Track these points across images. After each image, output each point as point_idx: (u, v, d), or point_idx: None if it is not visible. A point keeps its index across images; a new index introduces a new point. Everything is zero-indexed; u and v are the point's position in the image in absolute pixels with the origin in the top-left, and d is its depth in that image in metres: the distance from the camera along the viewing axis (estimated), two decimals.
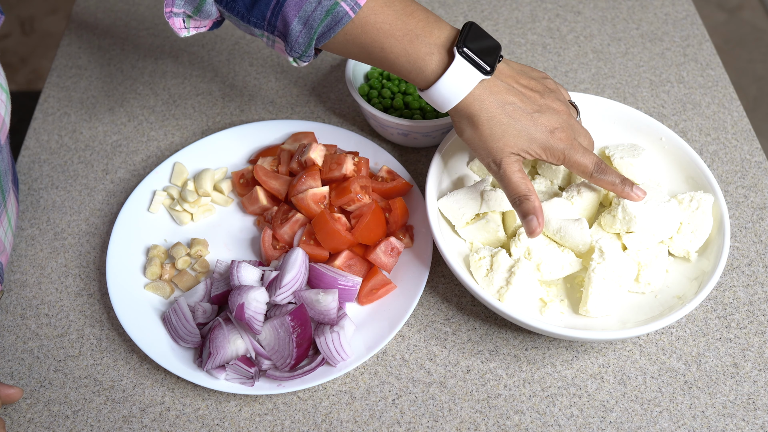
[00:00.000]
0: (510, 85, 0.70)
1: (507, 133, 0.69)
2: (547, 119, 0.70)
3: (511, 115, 0.69)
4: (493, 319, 0.78)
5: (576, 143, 0.71)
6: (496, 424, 0.71)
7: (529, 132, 0.69)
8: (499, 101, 0.69)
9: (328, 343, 0.70)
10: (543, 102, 0.71)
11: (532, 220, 0.69)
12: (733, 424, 0.71)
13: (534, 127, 0.69)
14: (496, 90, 0.69)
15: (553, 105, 0.71)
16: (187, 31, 0.73)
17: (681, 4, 1.10)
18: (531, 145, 0.70)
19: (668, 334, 0.77)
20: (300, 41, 0.69)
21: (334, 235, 0.76)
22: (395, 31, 0.68)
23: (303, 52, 0.70)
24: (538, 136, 0.69)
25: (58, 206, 0.88)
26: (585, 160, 0.71)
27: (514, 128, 0.69)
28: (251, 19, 0.69)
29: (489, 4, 1.10)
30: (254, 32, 0.71)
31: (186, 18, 0.72)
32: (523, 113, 0.69)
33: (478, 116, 0.69)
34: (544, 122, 0.70)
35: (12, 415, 0.72)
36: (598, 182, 0.72)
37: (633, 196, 0.73)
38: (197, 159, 0.88)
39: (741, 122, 0.95)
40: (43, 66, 2.22)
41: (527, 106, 0.70)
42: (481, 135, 0.70)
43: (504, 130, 0.69)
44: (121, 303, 0.75)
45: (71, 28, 1.07)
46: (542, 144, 0.70)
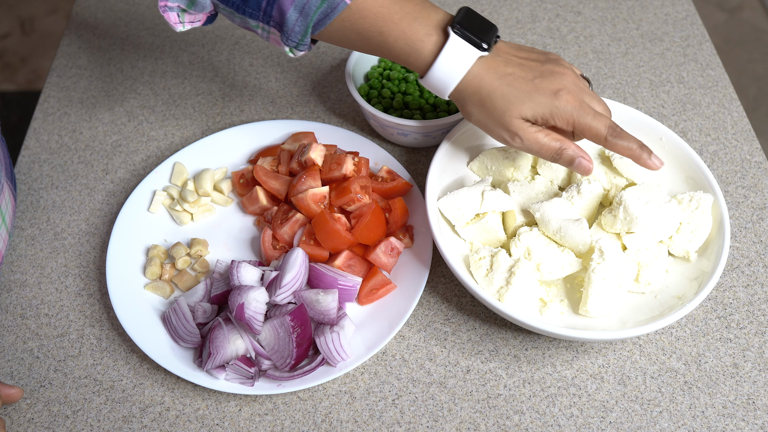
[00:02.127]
0: (508, 59, 0.69)
1: (510, 103, 0.68)
2: (550, 82, 0.68)
3: (511, 84, 0.68)
4: (493, 319, 0.78)
5: (585, 105, 0.69)
6: (496, 424, 0.71)
7: (531, 97, 0.68)
8: (498, 74, 0.68)
9: (328, 343, 0.70)
10: (545, 68, 0.69)
11: (580, 164, 0.70)
12: (733, 424, 0.71)
13: (536, 92, 0.68)
14: (494, 65, 0.68)
15: (556, 69, 0.69)
16: (182, 26, 0.73)
17: (681, 4, 1.10)
18: (536, 110, 0.68)
19: (668, 334, 0.77)
20: (296, 30, 0.69)
21: (334, 235, 0.76)
22: (393, 14, 0.68)
23: (299, 41, 0.70)
24: (541, 99, 0.68)
25: (57, 206, 0.88)
26: (596, 123, 0.68)
27: (516, 96, 0.68)
28: (247, 10, 0.69)
29: (489, 4, 1.10)
30: (249, 24, 0.71)
31: (181, 12, 0.72)
32: (524, 80, 0.68)
33: (479, 93, 0.68)
34: (547, 85, 0.68)
35: (12, 415, 0.72)
36: (613, 147, 0.69)
37: (651, 164, 0.70)
38: (197, 159, 0.88)
39: (741, 122, 0.95)
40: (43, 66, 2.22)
41: (527, 73, 0.69)
42: (486, 111, 0.69)
43: (506, 101, 0.68)
44: (121, 303, 0.75)
45: (71, 28, 1.07)
46: (547, 107, 0.68)
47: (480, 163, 0.83)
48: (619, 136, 0.69)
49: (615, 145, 0.69)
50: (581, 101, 0.69)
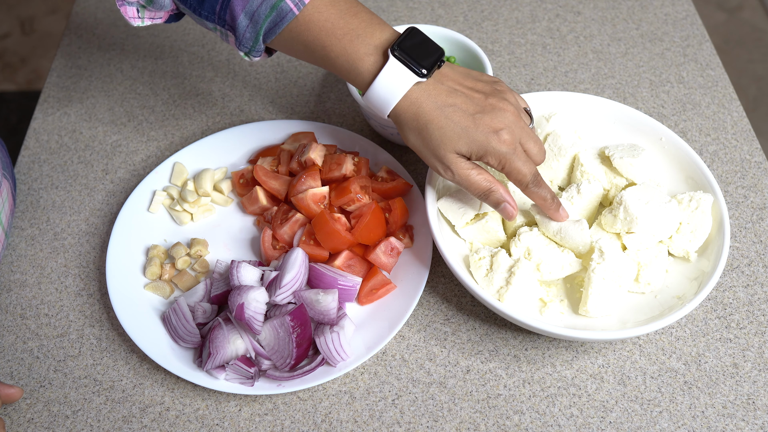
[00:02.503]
0: (452, 88, 0.68)
1: (446, 137, 0.67)
2: (491, 119, 0.67)
3: (449, 117, 0.67)
4: (493, 319, 0.78)
5: (519, 149, 0.68)
6: (496, 424, 0.71)
7: (468, 133, 0.67)
8: (438, 104, 0.67)
9: (328, 343, 0.70)
10: (488, 102, 0.68)
11: (505, 208, 0.71)
12: (732, 424, 0.71)
13: (474, 128, 0.67)
14: (435, 93, 0.68)
15: (499, 105, 0.68)
16: (141, 21, 0.72)
17: (681, 4, 1.10)
18: (471, 146, 0.67)
19: (668, 334, 0.77)
20: (247, 36, 0.69)
21: (333, 235, 0.76)
22: (337, 30, 0.67)
23: (251, 47, 0.70)
24: (478, 137, 0.67)
25: (57, 206, 0.88)
26: (525, 168, 0.68)
27: (452, 131, 0.67)
28: (202, 12, 0.69)
29: (489, 4, 1.10)
30: (207, 26, 0.71)
31: (140, 8, 0.72)
32: (463, 114, 0.67)
33: (416, 120, 0.68)
34: (487, 122, 0.67)
35: (12, 415, 0.72)
36: (531, 195, 0.71)
37: (557, 216, 0.73)
38: (197, 159, 0.88)
39: (741, 122, 0.95)
40: (43, 66, 2.22)
41: (469, 107, 0.67)
42: (422, 140, 0.68)
43: (443, 133, 0.67)
44: (121, 303, 0.75)
45: (71, 28, 1.07)
46: (482, 145, 0.67)
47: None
48: (538, 185, 0.70)
49: (533, 193, 0.71)
50: (516, 144, 0.68)
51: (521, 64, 1.02)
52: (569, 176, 0.82)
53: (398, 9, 1.09)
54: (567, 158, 0.81)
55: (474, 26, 1.07)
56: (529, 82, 1.00)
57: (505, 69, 1.02)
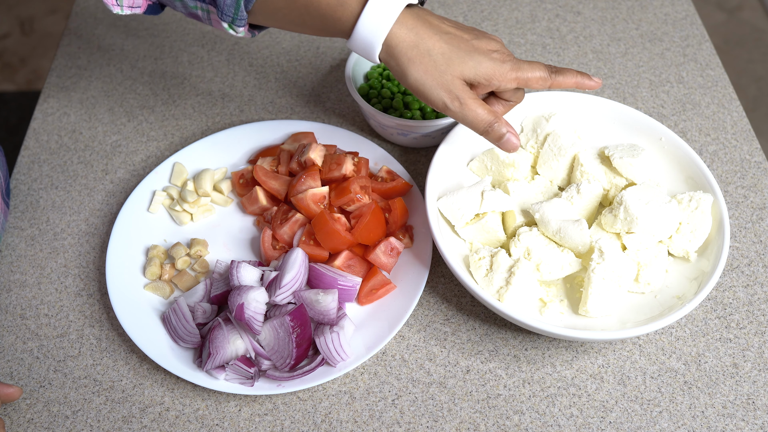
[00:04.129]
0: (441, 20, 0.68)
1: (451, 61, 0.65)
2: (486, 44, 0.68)
3: (451, 42, 0.66)
4: (493, 319, 0.78)
5: (518, 61, 0.69)
6: (496, 424, 0.71)
7: (472, 56, 0.66)
8: (436, 30, 0.66)
9: (328, 343, 0.70)
10: (475, 32, 0.69)
11: (509, 140, 0.69)
12: (732, 424, 0.71)
13: (476, 52, 0.66)
14: (429, 20, 0.66)
15: (484, 33, 0.69)
16: (120, 9, 0.71)
17: (681, 4, 1.10)
18: (478, 69, 0.66)
19: (668, 334, 0.77)
20: (228, 3, 0.67)
21: (333, 235, 0.76)
22: None
23: (234, 15, 0.67)
24: (482, 59, 0.66)
25: (57, 206, 0.88)
26: (536, 70, 0.68)
27: (457, 55, 0.65)
28: None
29: (489, 4, 1.10)
30: (188, 5, 0.69)
31: None
32: (462, 40, 0.66)
33: (416, 48, 0.65)
34: (484, 46, 0.67)
35: (12, 415, 0.72)
36: (559, 84, 0.70)
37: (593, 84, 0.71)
38: (197, 159, 0.88)
39: (741, 122, 0.95)
40: (43, 66, 2.22)
41: (464, 33, 0.67)
42: (424, 70, 0.66)
43: (447, 58, 0.65)
44: (121, 303, 0.75)
45: (71, 28, 1.07)
46: (489, 67, 0.66)
47: (480, 163, 0.83)
48: (559, 72, 0.69)
49: (560, 82, 0.70)
50: (513, 59, 0.68)
51: None
52: (569, 176, 0.82)
53: None
54: (567, 158, 0.81)
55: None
56: None
57: None
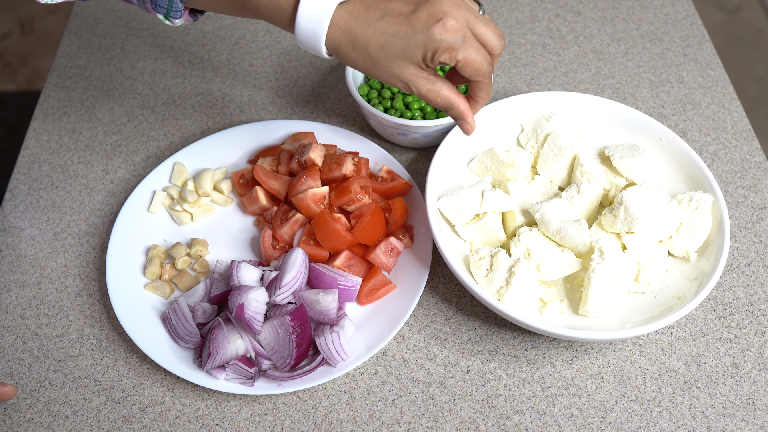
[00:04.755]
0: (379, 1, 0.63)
1: (390, 54, 0.62)
2: (428, 11, 0.61)
3: (385, 31, 0.62)
4: (493, 319, 0.78)
5: (470, 36, 0.62)
6: (496, 424, 0.71)
7: (409, 40, 0.61)
8: (368, 20, 0.62)
9: (328, 343, 0.70)
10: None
11: (462, 125, 0.68)
12: (732, 424, 0.71)
13: (413, 31, 0.61)
14: (363, 10, 0.62)
15: None
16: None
17: (681, 4, 1.10)
18: (418, 53, 0.62)
19: (668, 334, 0.77)
20: None
21: (333, 235, 0.76)
22: None
23: (168, 7, 0.65)
24: (419, 38, 0.61)
25: (57, 206, 0.88)
26: (479, 56, 0.62)
27: (393, 45, 0.62)
28: None
29: (489, 4, 1.10)
30: None
31: None
32: (399, 21, 0.62)
33: (354, 49, 0.63)
34: (425, 17, 0.61)
35: (12, 415, 0.72)
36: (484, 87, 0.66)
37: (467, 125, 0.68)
38: (197, 159, 0.88)
39: (741, 122, 0.95)
40: (43, 66, 2.22)
41: (403, 8, 0.62)
42: (370, 66, 0.64)
43: (385, 53, 0.62)
44: (121, 303, 0.75)
45: (71, 28, 1.07)
46: (428, 45, 0.61)
47: (480, 163, 0.83)
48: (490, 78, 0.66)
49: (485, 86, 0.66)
50: (465, 30, 0.62)
51: (521, 64, 1.02)
52: (569, 176, 0.82)
53: None
54: (567, 158, 0.81)
55: None
56: (529, 82, 1.00)
57: (505, 69, 1.02)
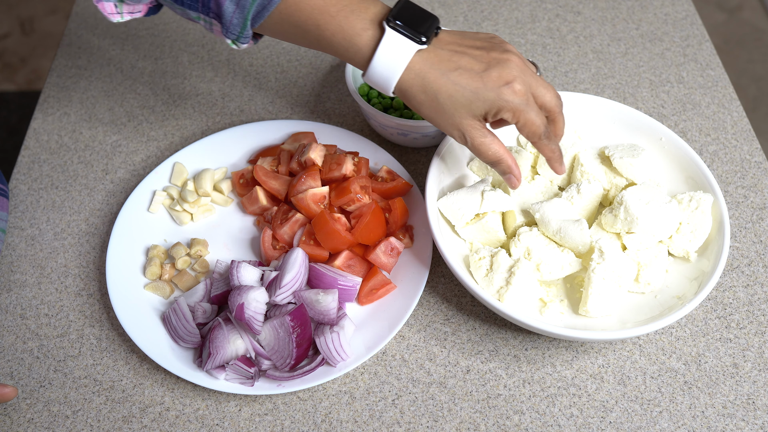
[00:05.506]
0: (453, 51, 0.67)
1: (458, 104, 0.66)
2: (499, 73, 0.66)
3: (457, 82, 0.66)
4: (493, 319, 0.78)
5: (531, 100, 0.67)
6: (496, 424, 0.71)
7: (479, 95, 0.66)
8: (443, 71, 0.66)
9: (328, 343, 0.70)
10: (492, 56, 0.67)
11: (510, 179, 0.71)
12: (732, 424, 0.71)
13: (484, 88, 0.65)
14: (438, 60, 0.66)
15: (503, 56, 0.67)
16: (120, 17, 0.71)
17: (681, 4, 1.10)
18: (484, 107, 0.66)
19: (668, 334, 0.77)
20: (234, 22, 0.67)
21: (333, 235, 0.76)
22: (330, 7, 0.66)
23: (239, 33, 0.68)
24: (489, 95, 0.66)
25: (57, 206, 0.88)
26: (538, 120, 0.67)
27: (463, 96, 0.66)
28: (184, 1, 0.67)
29: (489, 4, 1.10)
30: (190, 15, 0.69)
31: (118, 2, 0.70)
32: (471, 76, 0.66)
33: (424, 93, 0.66)
34: (496, 77, 0.66)
35: (12, 415, 0.72)
36: (542, 147, 0.70)
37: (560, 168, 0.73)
38: (197, 159, 0.88)
39: (741, 122, 0.95)
40: (43, 66, 2.22)
41: (474, 66, 0.66)
42: (434, 112, 0.67)
43: (454, 101, 0.66)
44: (121, 303, 0.75)
45: (71, 28, 1.07)
46: (495, 103, 0.66)
47: (480, 163, 0.83)
48: (549, 138, 0.70)
49: (544, 146, 0.70)
50: (528, 95, 0.67)
51: None
52: (569, 176, 0.82)
53: None
54: (567, 158, 0.81)
55: (474, 26, 1.07)
56: None
57: None
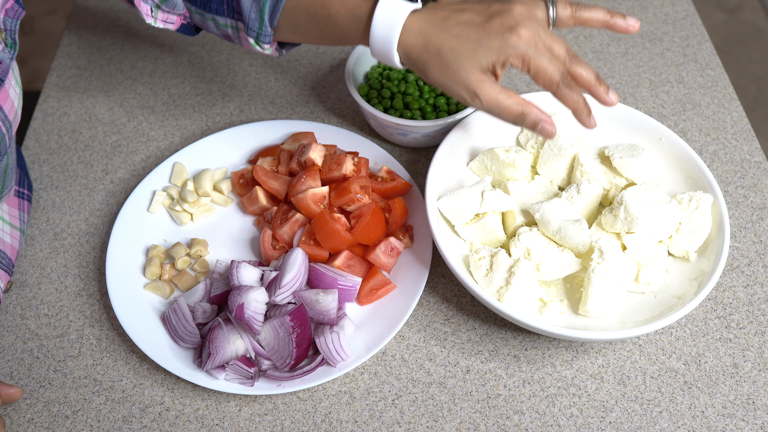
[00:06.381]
0: (452, 9, 0.67)
1: (462, 56, 0.64)
2: (501, 20, 0.64)
3: (459, 34, 0.65)
4: (493, 319, 0.78)
5: (542, 45, 0.64)
6: (496, 424, 0.71)
7: (483, 43, 0.64)
8: (443, 26, 0.65)
9: (328, 343, 0.70)
10: (494, 8, 0.66)
11: (543, 127, 0.66)
12: (732, 424, 0.71)
13: (487, 36, 0.64)
14: (438, 19, 0.66)
15: (505, 6, 0.65)
16: (153, 21, 0.75)
17: (681, 4, 1.10)
18: (490, 56, 0.64)
19: (668, 334, 0.77)
20: (253, 17, 0.71)
21: (333, 235, 0.76)
22: None
23: (259, 30, 0.71)
24: (493, 42, 0.63)
25: (57, 206, 0.88)
26: (551, 66, 0.64)
27: (466, 47, 0.64)
28: (212, 6, 0.72)
29: None
30: (219, 24, 0.73)
31: (155, 7, 0.74)
32: (472, 27, 0.65)
33: (427, 50, 0.66)
34: (498, 25, 0.64)
35: (12, 415, 0.72)
36: (562, 97, 0.66)
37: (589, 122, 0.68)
38: (197, 159, 0.88)
39: (741, 122, 0.95)
40: (43, 66, 2.22)
41: (475, 18, 0.65)
42: (440, 70, 0.66)
43: (458, 54, 0.64)
44: (121, 303, 0.75)
45: (71, 28, 1.07)
46: (501, 49, 0.63)
47: (480, 163, 0.83)
48: (569, 86, 0.66)
49: (564, 95, 0.66)
50: (537, 40, 0.64)
51: None
52: (569, 176, 0.82)
53: None
54: (567, 158, 0.81)
55: None
56: (529, 83, 1.00)
57: None
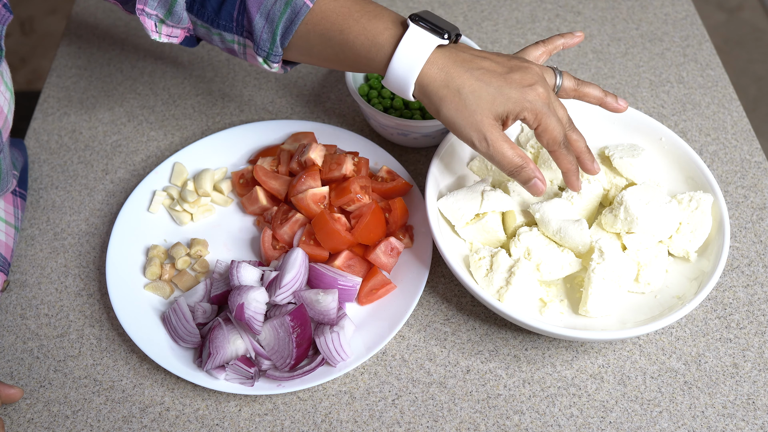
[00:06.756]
0: (474, 55, 0.68)
1: (481, 100, 0.65)
2: (521, 76, 0.66)
3: (481, 78, 0.65)
4: (493, 319, 0.78)
5: (552, 106, 0.67)
6: (496, 424, 0.71)
7: (503, 92, 0.65)
8: (466, 68, 0.66)
9: (328, 343, 0.70)
10: (513, 63, 0.67)
11: (536, 184, 0.69)
12: (732, 424, 0.71)
13: (508, 86, 0.65)
14: (461, 59, 0.66)
15: (523, 64, 0.68)
16: (158, 36, 0.74)
17: (681, 4, 1.10)
18: (507, 106, 0.65)
19: (668, 334, 0.77)
20: (264, 37, 0.70)
21: (333, 235, 0.76)
22: (354, 12, 0.69)
23: (269, 50, 0.71)
24: (513, 94, 0.65)
25: (58, 206, 0.88)
26: (558, 127, 0.67)
27: (487, 92, 0.65)
28: (220, 23, 0.71)
29: (489, 4, 1.10)
30: (226, 39, 0.72)
31: (159, 22, 0.73)
32: (494, 75, 0.66)
33: (447, 87, 0.66)
34: (518, 79, 0.66)
35: (12, 415, 0.72)
36: (559, 158, 0.69)
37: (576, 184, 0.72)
38: (197, 159, 0.88)
39: (741, 122, 0.95)
40: (43, 66, 2.22)
41: (497, 67, 0.66)
42: (455, 108, 0.66)
43: (477, 97, 0.65)
44: (121, 303, 0.75)
45: (71, 28, 1.07)
46: (518, 101, 0.65)
47: (480, 163, 0.83)
48: (567, 149, 0.69)
49: (561, 156, 0.69)
50: (550, 100, 0.67)
51: None
52: None
53: (398, 9, 1.09)
54: None
55: (474, 26, 1.07)
56: None
57: None
